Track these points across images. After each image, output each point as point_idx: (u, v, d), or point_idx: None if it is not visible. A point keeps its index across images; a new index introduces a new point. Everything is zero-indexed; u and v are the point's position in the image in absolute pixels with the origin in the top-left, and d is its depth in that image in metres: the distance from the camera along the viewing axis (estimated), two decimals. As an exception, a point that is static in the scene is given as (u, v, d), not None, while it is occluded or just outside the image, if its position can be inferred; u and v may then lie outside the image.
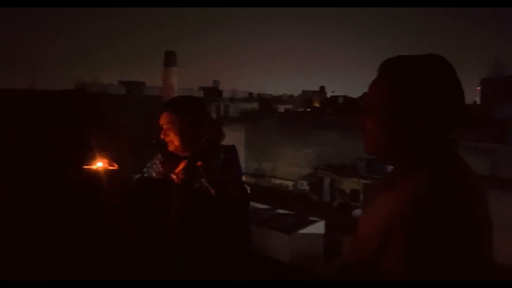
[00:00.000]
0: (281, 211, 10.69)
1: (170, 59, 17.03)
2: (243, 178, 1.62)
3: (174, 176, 1.49)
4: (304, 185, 19.50)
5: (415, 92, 0.76)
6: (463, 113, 0.79)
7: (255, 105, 26.87)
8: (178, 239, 1.42)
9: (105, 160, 1.41)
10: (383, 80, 0.81)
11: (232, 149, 1.54)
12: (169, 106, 1.49)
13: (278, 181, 20.98)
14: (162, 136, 1.47)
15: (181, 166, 1.49)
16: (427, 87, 0.76)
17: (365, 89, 0.88)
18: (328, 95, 38.55)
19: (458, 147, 0.81)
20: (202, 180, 1.43)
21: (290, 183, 20.34)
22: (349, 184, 16.91)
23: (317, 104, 35.22)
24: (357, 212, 13.70)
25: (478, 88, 20.36)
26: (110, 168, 1.40)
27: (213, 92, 27.06)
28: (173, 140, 1.45)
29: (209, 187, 1.41)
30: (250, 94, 29.91)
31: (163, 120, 1.45)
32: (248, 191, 1.64)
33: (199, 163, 1.44)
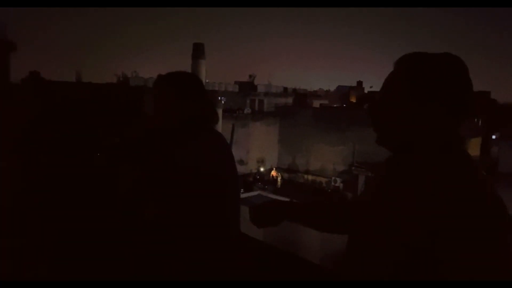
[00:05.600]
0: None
1: (198, 51, 16.70)
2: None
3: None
4: (338, 182, 19.19)
5: (430, 87, 0.79)
6: (472, 108, 0.82)
7: (290, 100, 26.71)
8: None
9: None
10: (400, 75, 0.83)
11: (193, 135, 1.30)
12: (156, 79, 1.46)
13: (311, 177, 20.80)
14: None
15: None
16: (441, 83, 0.79)
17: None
18: (366, 90, 37.48)
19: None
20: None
21: (323, 180, 20.10)
22: (385, 183, 16.39)
23: (353, 100, 34.33)
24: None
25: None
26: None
27: (249, 87, 27.18)
28: (155, 113, 1.39)
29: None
30: (285, 88, 29.71)
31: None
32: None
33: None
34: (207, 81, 20.40)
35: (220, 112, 16.54)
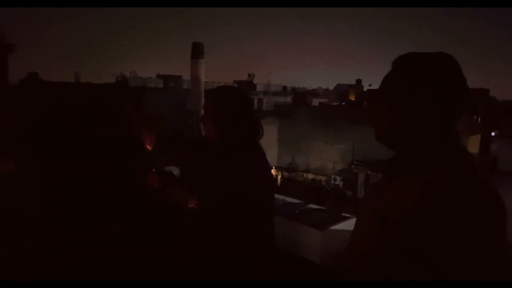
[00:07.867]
0: (313, 206, 10.61)
1: (197, 51, 16.67)
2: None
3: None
4: (338, 181, 19.21)
5: (425, 85, 0.82)
6: (467, 104, 0.84)
7: (289, 99, 26.73)
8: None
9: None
10: (396, 74, 0.87)
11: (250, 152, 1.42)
12: (207, 93, 1.50)
13: (311, 176, 20.82)
14: (200, 123, 1.48)
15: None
16: (435, 81, 0.82)
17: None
18: (365, 88, 37.50)
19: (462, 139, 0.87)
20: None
21: (323, 178, 20.12)
22: (384, 181, 16.38)
23: (353, 98, 34.39)
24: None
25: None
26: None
27: (247, 86, 27.21)
28: (206, 127, 1.45)
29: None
30: (284, 87, 29.75)
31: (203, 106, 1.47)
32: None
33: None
34: (206, 80, 20.43)
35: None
